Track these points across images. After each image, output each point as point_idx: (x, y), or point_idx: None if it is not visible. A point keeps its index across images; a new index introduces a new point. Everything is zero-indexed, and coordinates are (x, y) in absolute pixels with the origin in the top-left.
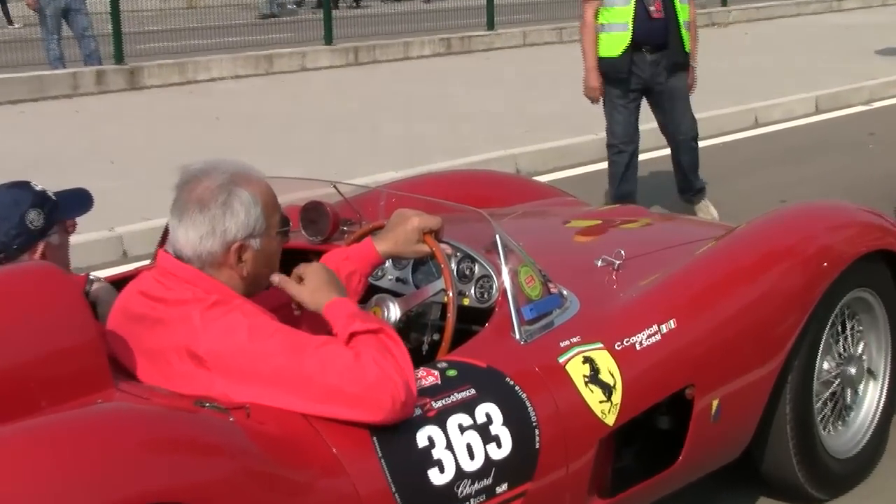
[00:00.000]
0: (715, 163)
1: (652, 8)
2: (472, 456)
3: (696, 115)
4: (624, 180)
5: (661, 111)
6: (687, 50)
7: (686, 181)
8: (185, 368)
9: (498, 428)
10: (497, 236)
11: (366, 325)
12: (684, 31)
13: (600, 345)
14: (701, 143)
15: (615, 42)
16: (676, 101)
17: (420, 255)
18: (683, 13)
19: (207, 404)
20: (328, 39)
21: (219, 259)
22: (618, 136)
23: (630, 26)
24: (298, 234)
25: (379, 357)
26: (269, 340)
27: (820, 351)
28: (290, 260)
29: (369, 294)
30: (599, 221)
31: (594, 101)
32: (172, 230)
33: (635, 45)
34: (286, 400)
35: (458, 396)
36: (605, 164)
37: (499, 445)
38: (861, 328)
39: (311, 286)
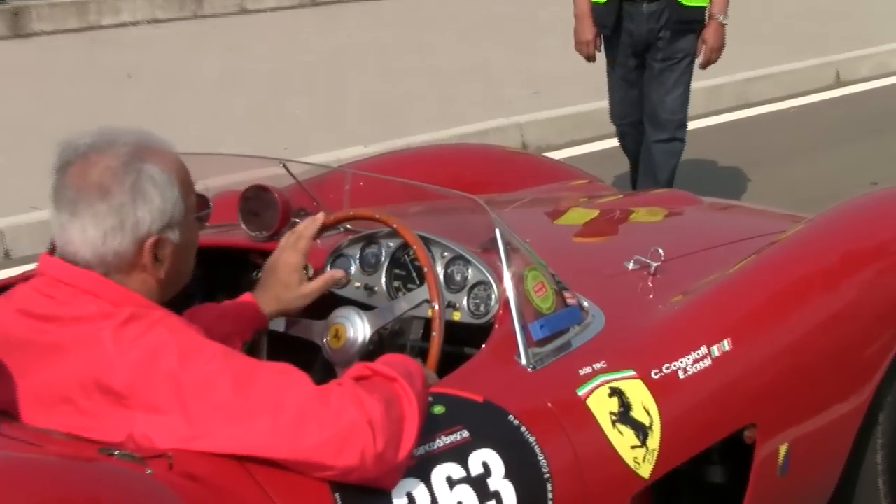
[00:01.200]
0: (784, 133)
1: None
2: None
3: (756, 72)
4: (641, 161)
5: (650, 81)
6: (691, 4)
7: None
8: (95, 407)
9: (498, 481)
10: (497, 231)
11: (382, 369)
12: None
13: (632, 372)
14: (766, 108)
15: None
16: (668, 69)
17: (311, 298)
18: None
19: (117, 452)
20: None
21: (129, 260)
22: (615, 112)
23: None
24: (238, 230)
25: (369, 400)
26: (208, 366)
27: None
28: (227, 261)
29: (331, 305)
30: (630, 211)
31: (589, 58)
32: (61, 228)
33: None
34: (226, 442)
35: (446, 441)
36: None
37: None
38: None
39: None
